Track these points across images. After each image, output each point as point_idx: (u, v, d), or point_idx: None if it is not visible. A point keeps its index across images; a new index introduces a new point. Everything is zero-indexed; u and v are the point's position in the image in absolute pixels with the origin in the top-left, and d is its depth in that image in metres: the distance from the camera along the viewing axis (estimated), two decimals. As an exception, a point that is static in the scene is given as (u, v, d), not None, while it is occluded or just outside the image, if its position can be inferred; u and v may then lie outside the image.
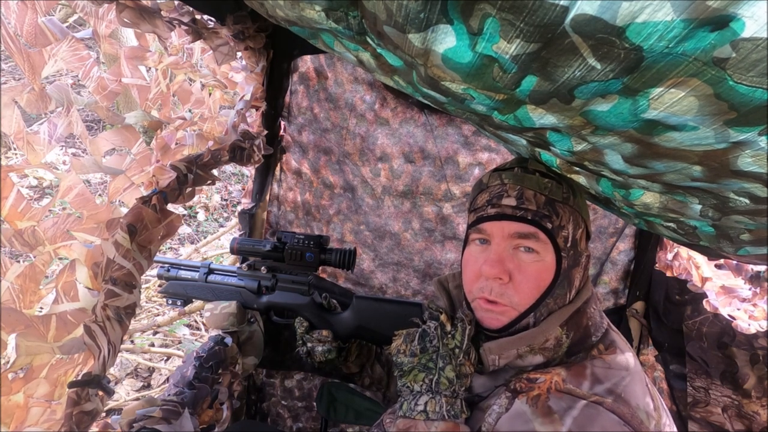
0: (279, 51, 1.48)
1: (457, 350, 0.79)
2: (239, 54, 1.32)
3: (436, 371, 0.78)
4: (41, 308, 0.81)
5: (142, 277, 0.89)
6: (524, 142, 0.78)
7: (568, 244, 0.79)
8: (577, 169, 0.85)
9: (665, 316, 1.51)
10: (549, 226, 0.78)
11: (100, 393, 0.80)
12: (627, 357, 0.77)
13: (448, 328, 0.80)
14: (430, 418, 0.75)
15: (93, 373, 0.78)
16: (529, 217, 0.78)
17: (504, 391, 0.75)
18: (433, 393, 0.77)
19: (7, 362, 0.73)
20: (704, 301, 1.41)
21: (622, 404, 0.68)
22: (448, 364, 0.78)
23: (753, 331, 1.33)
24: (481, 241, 0.83)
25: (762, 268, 1.45)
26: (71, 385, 0.76)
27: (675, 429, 0.75)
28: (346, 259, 1.14)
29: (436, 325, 0.81)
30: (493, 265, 0.77)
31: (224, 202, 4.62)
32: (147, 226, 0.89)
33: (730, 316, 1.39)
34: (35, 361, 0.75)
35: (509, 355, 0.77)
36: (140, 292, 0.89)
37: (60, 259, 0.82)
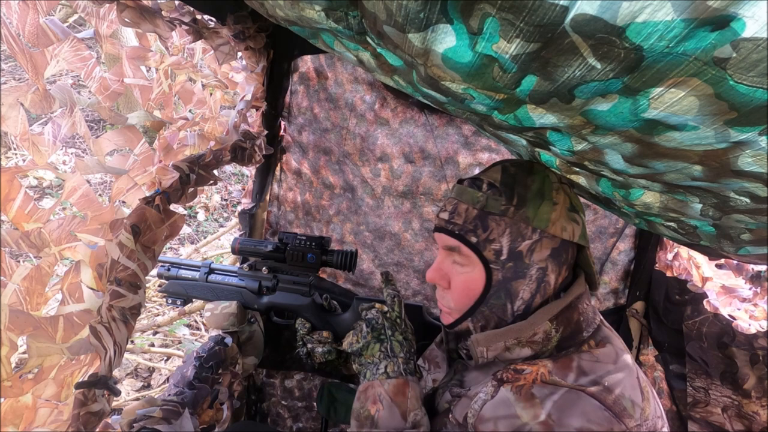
0: (279, 51, 1.49)
1: (398, 319, 0.95)
2: (240, 54, 1.32)
3: (388, 339, 0.92)
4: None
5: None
6: (524, 142, 0.78)
7: (503, 257, 0.79)
8: (577, 169, 0.85)
9: (665, 316, 1.51)
10: (473, 240, 0.80)
11: (107, 393, 0.80)
12: (618, 352, 0.78)
13: (386, 308, 0.95)
14: (390, 377, 0.88)
15: (99, 374, 0.78)
16: (456, 231, 0.82)
17: (491, 380, 0.77)
18: (390, 357, 0.90)
19: (17, 364, 0.74)
20: (705, 301, 1.41)
21: (605, 392, 0.70)
22: (396, 331, 0.93)
23: (753, 331, 1.33)
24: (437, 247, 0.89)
25: (763, 267, 1.45)
26: (78, 386, 0.76)
27: (666, 422, 0.75)
28: (348, 261, 1.14)
29: (377, 310, 0.96)
30: (431, 271, 0.87)
31: (224, 202, 4.62)
32: (150, 226, 0.90)
33: (730, 316, 1.39)
34: (45, 363, 0.75)
35: (497, 347, 0.79)
36: (144, 292, 0.89)
37: (62, 260, 0.82)
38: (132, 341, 2.69)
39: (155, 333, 2.81)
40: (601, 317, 0.87)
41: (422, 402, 0.87)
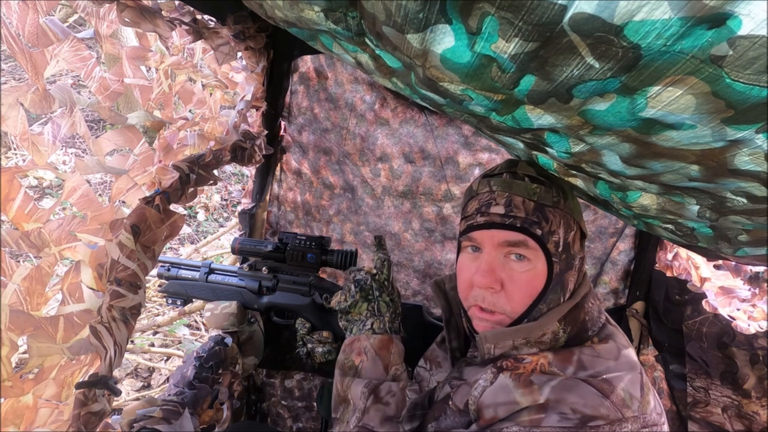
0: (279, 51, 1.49)
1: (386, 282, 0.98)
2: (240, 54, 1.33)
3: (375, 299, 0.96)
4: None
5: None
6: (521, 145, 0.78)
7: (560, 249, 0.79)
8: (574, 172, 0.85)
9: (665, 316, 1.51)
10: (539, 232, 0.78)
11: (107, 393, 0.80)
12: (620, 348, 0.78)
13: (374, 271, 0.99)
14: (376, 333, 0.92)
15: (99, 374, 0.78)
16: (518, 225, 0.78)
17: (491, 368, 0.77)
18: (377, 315, 0.94)
19: (17, 365, 0.74)
20: (704, 302, 1.41)
21: (603, 383, 0.70)
22: (383, 292, 0.97)
23: (752, 331, 1.33)
24: (473, 248, 0.84)
25: (761, 268, 1.45)
26: (78, 386, 0.76)
27: (666, 421, 0.75)
28: (348, 261, 1.14)
29: (366, 272, 0.99)
30: (484, 275, 0.79)
31: (224, 202, 4.62)
32: (150, 226, 0.90)
33: (729, 316, 1.39)
34: (46, 363, 0.76)
35: (505, 345, 0.78)
36: (145, 292, 0.89)
37: (62, 260, 0.83)
38: (132, 341, 2.69)
39: (155, 333, 2.81)
40: (607, 315, 0.87)
41: (404, 360, 0.94)
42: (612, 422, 0.67)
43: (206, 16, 1.15)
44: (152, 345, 2.70)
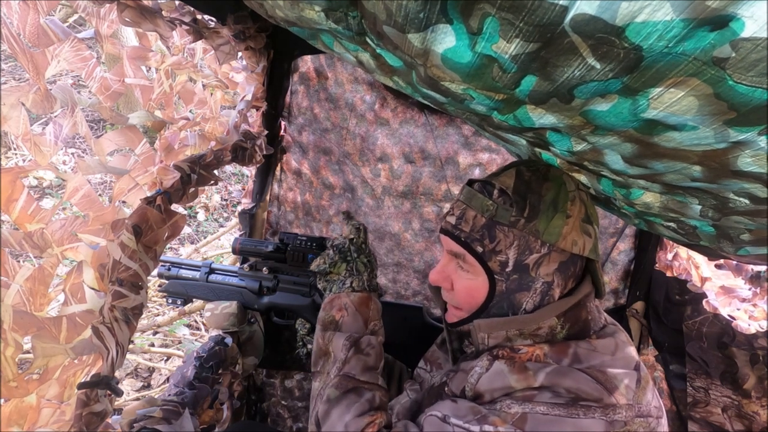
0: (279, 51, 1.49)
1: (363, 245, 1.01)
2: (240, 54, 1.33)
3: (353, 260, 0.99)
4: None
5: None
6: (524, 142, 0.78)
7: (508, 269, 0.78)
8: (578, 168, 0.85)
9: (665, 316, 1.51)
10: (479, 249, 0.79)
11: (109, 394, 0.80)
12: (618, 344, 0.78)
13: (351, 236, 1.01)
14: (356, 290, 0.95)
15: (101, 374, 0.78)
16: (462, 238, 0.81)
17: (486, 355, 0.79)
18: (355, 275, 0.97)
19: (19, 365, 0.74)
20: (704, 302, 1.41)
21: (597, 372, 0.72)
22: (361, 254, 1.00)
23: (753, 331, 1.33)
24: None
25: (762, 268, 1.45)
26: (80, 386, 0.76)
27: (665, 416, 0.76)
28: None
29: (344, 237, 1.02)
30: (434, 273, 0.89)
31: (224, 202, 4.61)
32: (152, 226, 0.90)
33: (730, 316, 1.39)
34: (50, 363, 0.76)
35: (498, 335, 0.80)
36: (146, 292, 0.89)
37: (64, 261, 0.83)
38: (132, 341, 2.68)
39: (155, 333, 2.80)
40: (606, 315, 0.88)
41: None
42: (605, 406, 0.68)
43: (206, 16, 1.15)
44: (152, 345, 2.69)
